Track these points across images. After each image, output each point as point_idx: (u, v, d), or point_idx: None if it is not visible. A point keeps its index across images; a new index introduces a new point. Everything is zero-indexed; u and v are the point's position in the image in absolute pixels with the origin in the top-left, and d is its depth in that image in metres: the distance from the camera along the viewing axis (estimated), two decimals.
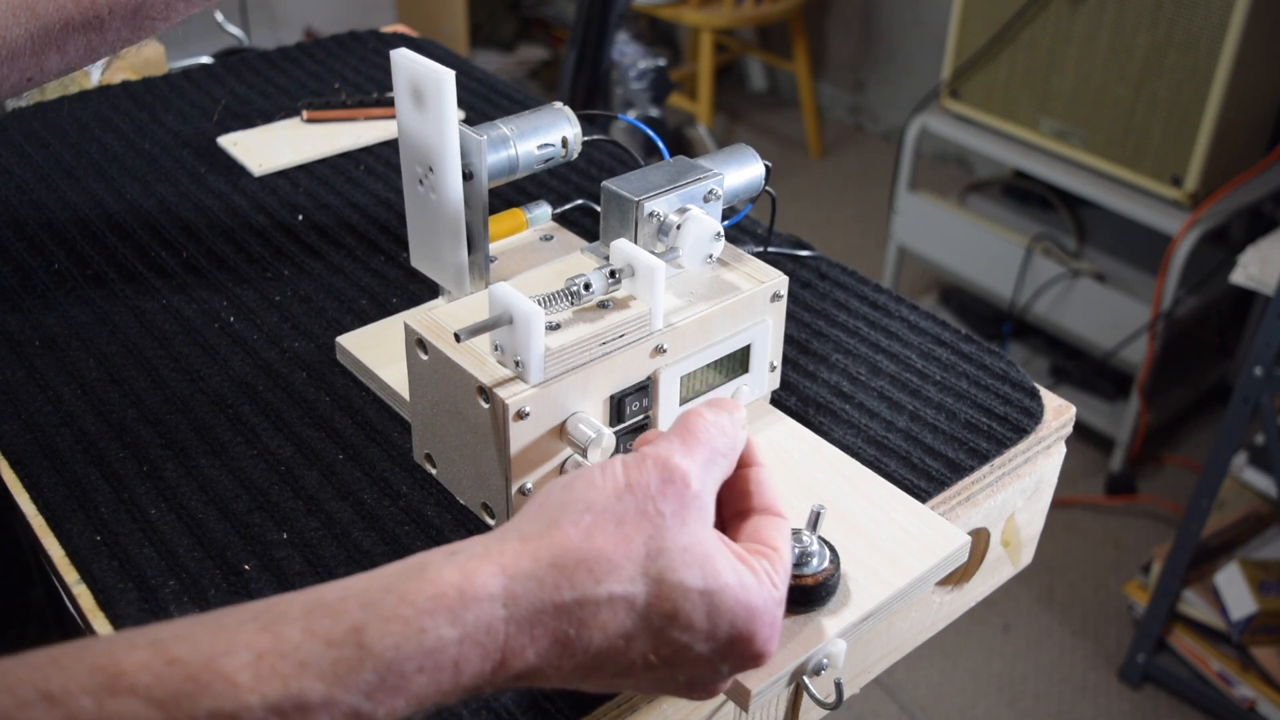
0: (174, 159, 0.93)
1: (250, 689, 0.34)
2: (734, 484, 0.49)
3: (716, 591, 0.42)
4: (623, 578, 0.41)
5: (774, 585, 0.44)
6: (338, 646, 0.36)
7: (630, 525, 0.42)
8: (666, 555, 0.42)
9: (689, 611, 0.42)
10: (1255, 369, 1.50)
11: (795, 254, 0.82)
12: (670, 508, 0.43)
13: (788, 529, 0.48)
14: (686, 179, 0.59)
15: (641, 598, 0.41)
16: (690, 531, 0.43)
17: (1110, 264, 2.20)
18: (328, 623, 0.36)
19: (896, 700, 1.79)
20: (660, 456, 0.44)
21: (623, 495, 0.43)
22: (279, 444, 0.63)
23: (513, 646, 0.39)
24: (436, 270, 0.65)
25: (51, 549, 0.57)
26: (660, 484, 0.43)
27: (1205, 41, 1.83)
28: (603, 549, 0.41)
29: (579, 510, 0.42)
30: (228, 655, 0.35)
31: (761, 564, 0.45)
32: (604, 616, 0.41)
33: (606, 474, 0.43)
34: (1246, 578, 1.72)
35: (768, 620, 0.44)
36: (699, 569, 0.42)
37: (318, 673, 0.35)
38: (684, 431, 0.46)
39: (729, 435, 0.47)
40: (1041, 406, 0.68)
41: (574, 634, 0.40)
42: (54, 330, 0.72)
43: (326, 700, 0.35)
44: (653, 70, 2.30)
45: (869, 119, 3.43)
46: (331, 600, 0.37)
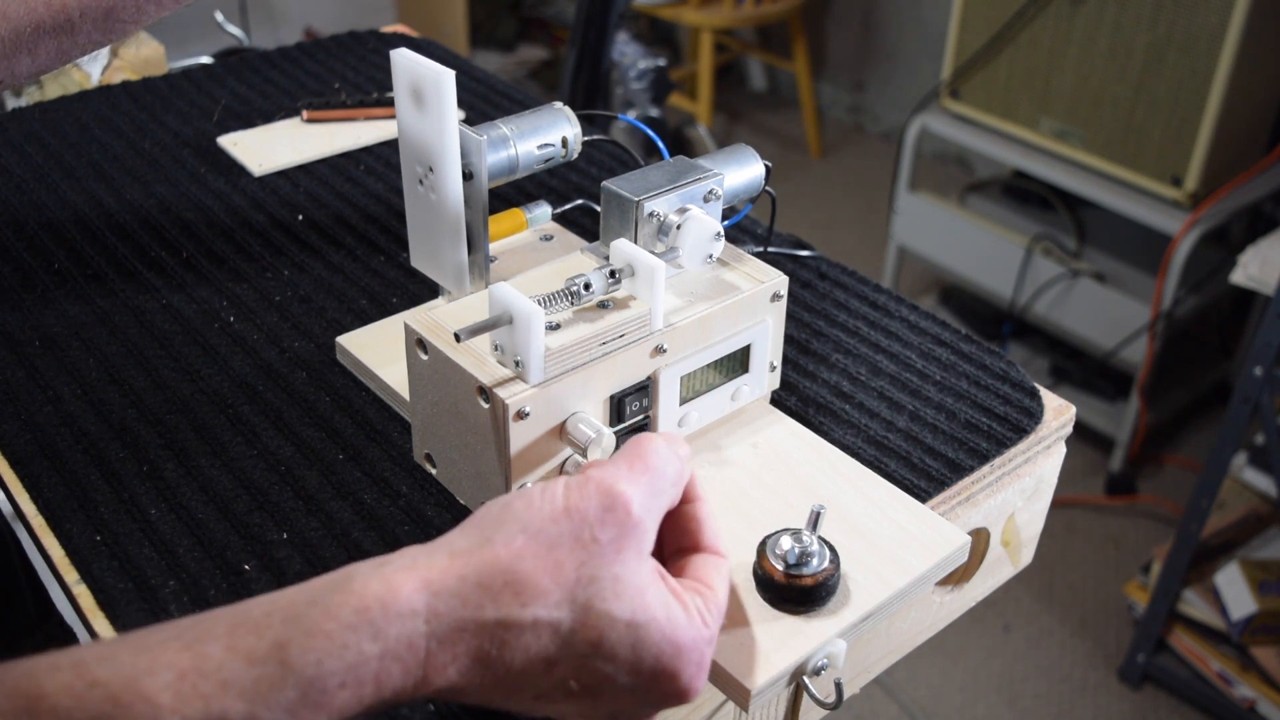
0: (174, 159, 0.93)
1: (172, 709, 0.34)
2: (677, 519, 0.48)
3: (643, 625, 0.42)
4: (549, 602, 0.40)
5: (704, 624, 0.44)
6: (260, 664, 0.36)
7: (563, 550, 0.41)
8: (597, 584, 0.41)
9: (614, 642, 0.41)
10: (1255, 369, 1.50)
11: (795, 254, 0.82)
12: (608, 535, 0.42)
13: (726, 568, 0.48)
14: (686, 179, 0.59)
15: (566, 624, 0.41)
16: (624, 561, 0.42)
17: (1110, 264, 2.20)
18: (251, 640, 0.36)
19: (896, 700, 1.79)
20: (604, 482, 0.43)
21: (559, 519, 0.42)
22: (279, 444, 0.63)
23: (434, 663, 0.39)
24: (436, 270, 0.65)
25: (51, 549, 0.57)
26: (600, 510, 0.42)
27: (1205, 41, 1.83)
28: (531, 572, 0.41)
29: (513, 530, 0.42)
30: (149, 676, 0.34)
31: (695, 601, 0.44)
32: (526, 639, 0.40)
33: (546, 495, 0.43)
34: (1246, 578, 1.72)
35: (694, 658, 0.43)
36: (628, 600, 0.42)
37: (239, 691, 0.35)
38: (633, 456, 0.45)
39: (677, 464, 0.46)
40: (1041, 406, 0.68)
41: (495, 653, 0.40)
42: (54, 330, 0.72)
43: (248, 718, 0.35)
44: (653, 70, 2.30)
45: (869, 119, 3.43)
46: (257, 616, 0.37)
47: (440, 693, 0.40)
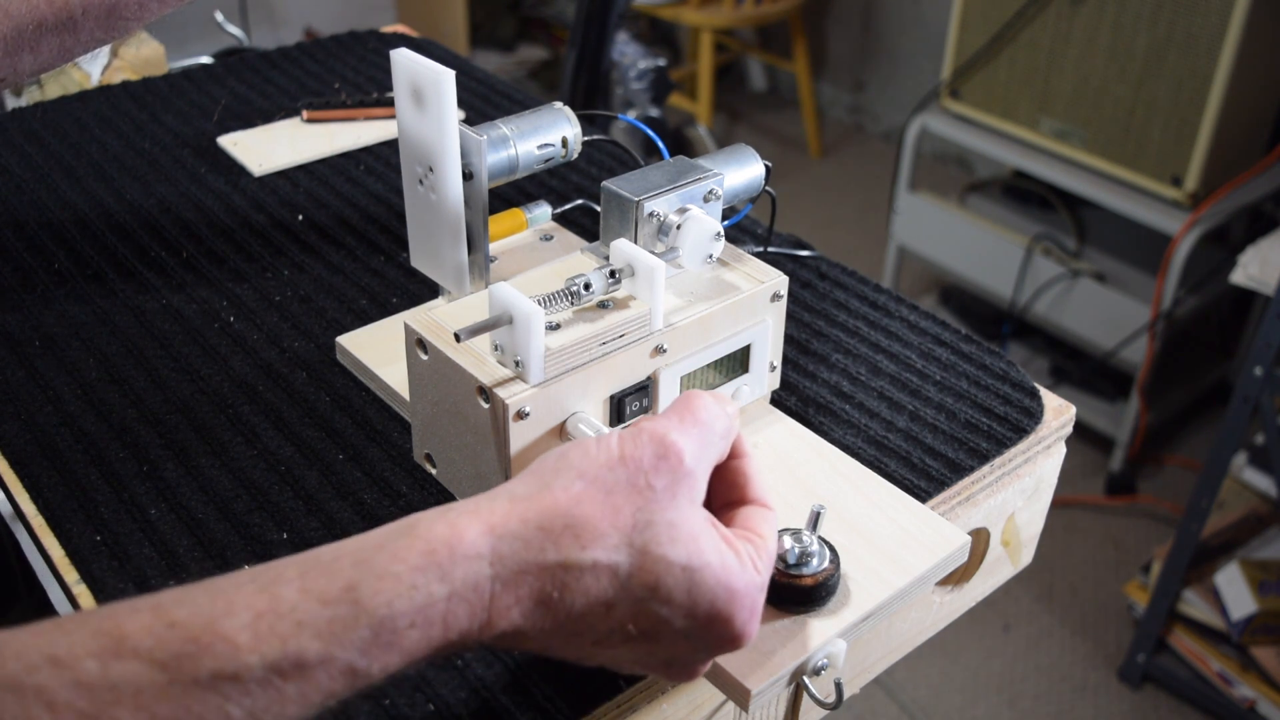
0: (174, 159, 0.93)
1: (250, 649, 0.35)
2: (725, 474, 0.49)
3: (699, 569, 0.42)
4: (607, 545, 0.41)
5: (756, 570, 0.45)
6: (333, 605, 0.37)
7: (620, 495, 0.42)
8: (653, 528, 0.42)
9: (670, 585, 0.42)
10: (1255, 369, 1.50)
11: (795, 254, 0.82)
12: (662, 482, 0.43)
13: (775, 520, 0.48)
14: (686, 179, 0.59)
15: (624, 567, 0.42)
16: (679, 507, 0.43)
17: (1110, 264, 2.20)
18: (323, 582, 0.37)
19: (896, 700, 1.79)
20: (657, 432, 0.44)
21: (615, 466, 0.43)
22: (279, 444, 0.63)
23: (498, 605, 0.40)
24: (436, 270, 0.65)
25: (51, 549, 0.57)
26: (654, 459, 0.43)
27: (1205, 41, 1.83)
28: (590, 515, 0.42)
29: (571, 477, 0.43)
30: (227, 617, 0.35)
31: (746, 548, 0.45)
32: (586, 581, 0.41)
33: (602, 445, 0.44)
34: (1246, 578, 1.72)
35: (747, 603, 0.44)
36: (683, 545, 0.42)
37: (314, 631, 0.36)
38: (683, 410, 0.46)
39: (725, 420, 0.47)
40: (1041, 406, 0.68)
41: (557, 596, 0.41)
42: (54, 330, 0.72)
43: (324, 657, 0.36)
44: (653, 70, 2.30)
45: (869, 119, 3.43)
46: (326, 560, 0.38)
47: (504, 636, 0.41)
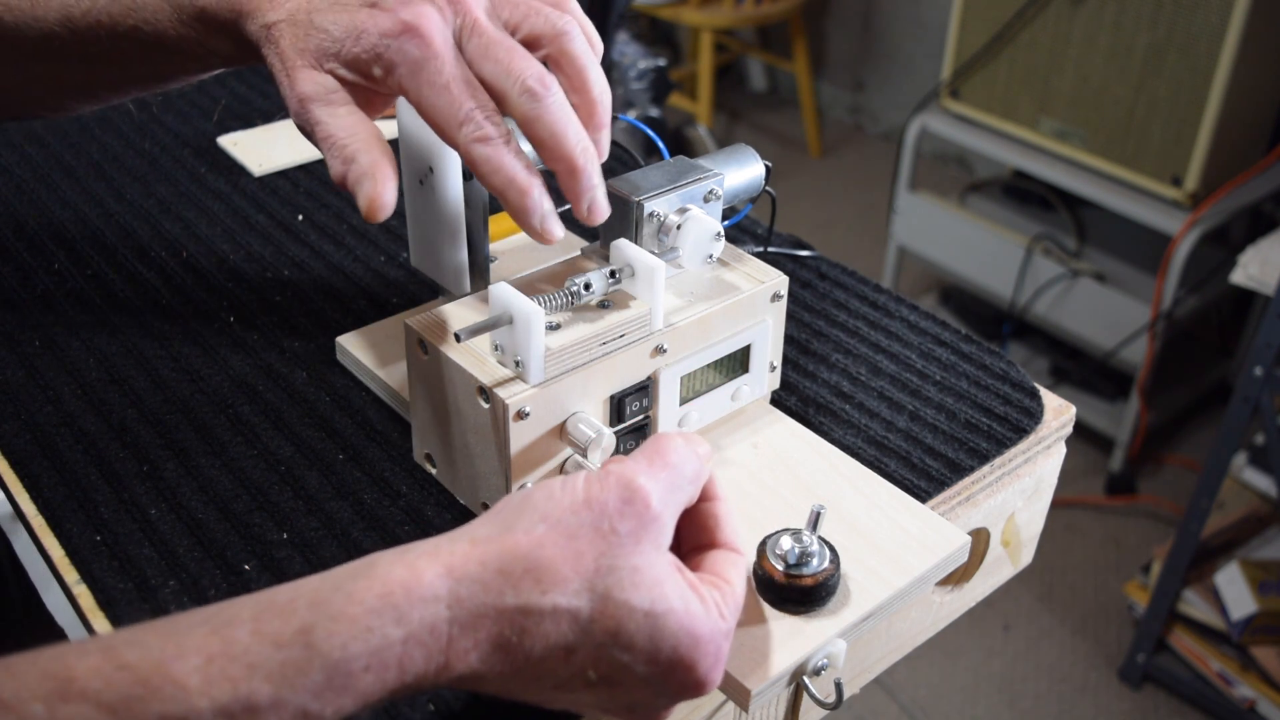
0: (174, 159, 0.93)
1: (200, 692, 0.34)
2: (696, 517, 0.49)
3: (662, 614, 0.42)
4: (568, 590, 0.41)
5: (722, 616, 0.44)
6: (286, 648, 0.36)
7: (583, 540, 0.42)
8: (616, 573, 0.42)
9: (632, 631, 0.42)
10: (1255, 369, 1.50)
11: (795, 254, 0.82)
12: (627, 527, 0.43)
13: (744, 565, 0.48)
14: (686, 179, 0.59)
15: (585, 612, 0.41)
16: (643, 553, 0.43)
17: (1110, 264, 2.20)
18: (277, 624, 0.37)
19: (896, 700, 1.79)
20: (624, 476, 0.44)
21: (579, 510, 0.43)
22: (279, 444, 0.63)
23: (456, 649, 0.39)
24: (436, 270, 0.65)
25: (51, 549, 0.57)
26: (620, 503, 0.43)
27: (1205, 41, 1.83)
28: (551, 559, 0.41)
29: (534, 519, 0.42)
30: (178, 659, 0.35)
31: (712, 594, 0.44)
32: (546, 626, 0.41)
33: (567, 487, 0.44)
34: (1246, 578, 1.72)
35: (711, 650, 0.43)
36: (647, 590, 0.42)
37: (266, 674, 0.36)
38: (652, 453, 0.46)
39: (696, 463, 0.47)
40: (1041, 406, 0.68)
41: (515, 640, 0.40)
42: (54, 330, 0.72)
43: (275, 701, 0.36)
44: (653, 70, 2.30)
45: (869, 119, 3.43)
46: (281, 601, 0.38)
47: (462, 679, 0.40)
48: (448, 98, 0.50)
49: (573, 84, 0.55)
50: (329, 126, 0.52)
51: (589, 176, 0.52)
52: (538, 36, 0.54)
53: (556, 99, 0.52)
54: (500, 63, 0.51)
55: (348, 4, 0.52)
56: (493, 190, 0.52)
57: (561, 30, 0.54)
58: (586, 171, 0.52)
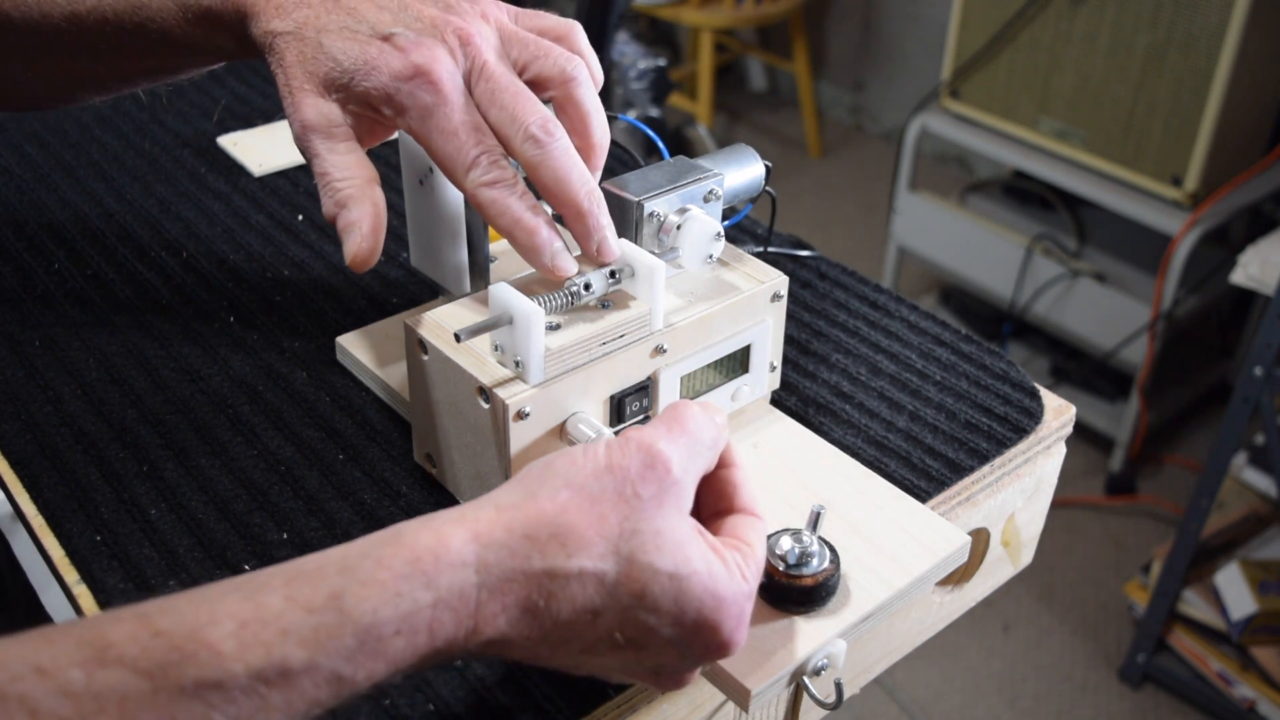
0: (174, 159, 0.93)
1: (234, 657, 0.35)
2: (714, 484, 0.49)
3: (686, 576, 0.42)
4: (594, 554, 0.41)
5: (744, 578, 0.45)
6: (318, 613, 0.37)
7: (606, 504, 0.42)
8: (639, 536, 0.42)
9: (657, 593, 0.42)
10: (1255, 369, 1.50)
11: (795, 254, 0.82)
12: (649, 491, 0.43)
13: (763, 528, 0.48)
14: (686, 179, 0.59)
15: (611, 575, 0.42)
16: (665, 516, 0.43)
17: (1110, 264, 2.20)
18: (307, 590, 0.37)
19: (896, 700, 1.79)
20: (644, 441, 0.44)
21: (602, 475, 0.43)
22: (279, 444, 0.63)
23: (484, 613, 0.40)
24: (436, 270, 0.65)
25: (51, 549, 0.57)
26: (641, 468, 0.44)
27: (1205, 41, 1.83)
28: (576, 524, 0.42)
29: (557, 485, 0.43)
30: (212, 625, 0.35)
31: (733, 556, 0.45)
32: (573, 589, 0.41)
33: (588, 453, 0.44)
34: (1246, 578, 1.72)
35: (735, 611, 0.44)
36: (670, 553, 0.42)
37: (299, 639, 0.36)
38: (671, 420, 0.47)
39: (713, 430, 0.47)
40: (1041, 406, 0.68)
41: (543, 604, 0.41)
42: (54, 330, 0.72)
43: (308, 665, 0.36)
44: (653, 70, 2.30)
45: (869, 119, 3.43)
46: (310, 569, 0.38)
47: (490, 644, 0.41)
48: (456, 143, 0.52)
49: (576, 128, 0.56)
50: (326, 163, 0.53)
51: (595, 218, 0.53)
52: (546, 79, 0.55)
53: (560, 145, 0.53)
54: (506, 109, 0.52)
55: (358, 31, 0.53)
56: (501, 232, 0.53)
57: (570, 76, 0.55)
58: (593, 214, 0.53)
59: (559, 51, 0.55)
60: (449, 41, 0.53)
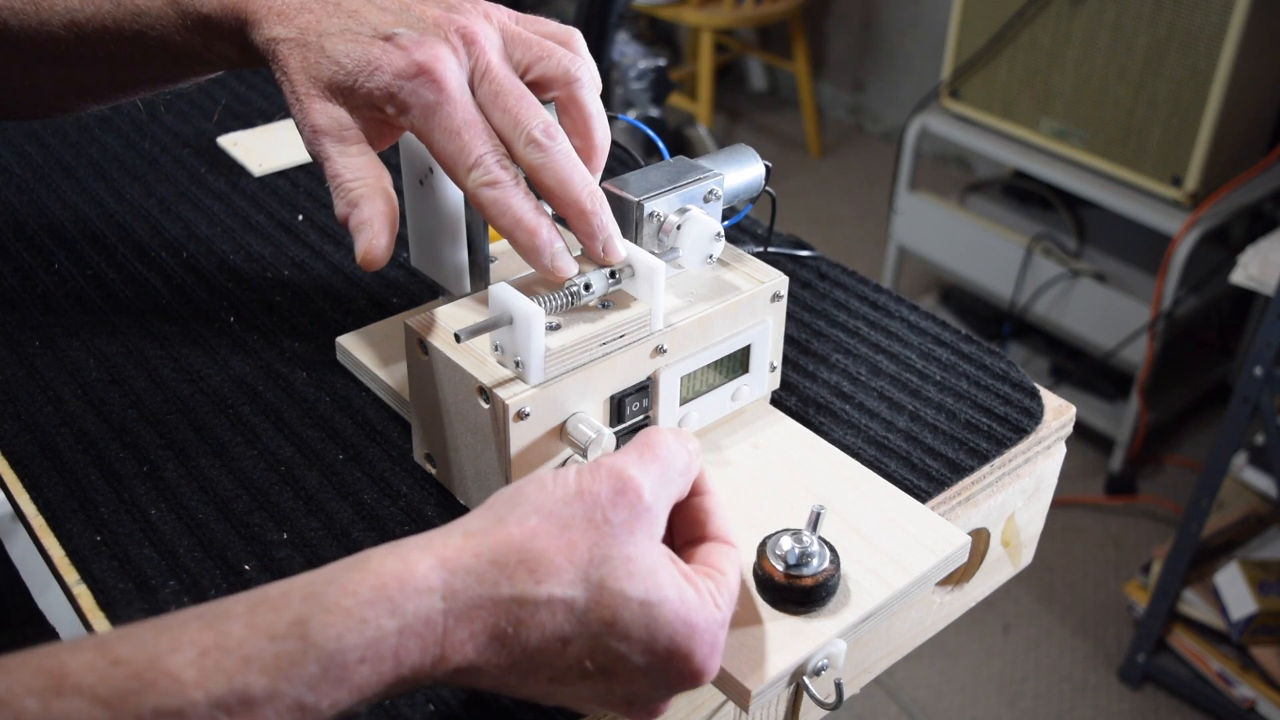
0: (174, 159, 0.93)
1: (195, 685, 0.35)
2: (686, 511, 0.49)
3: (657, 604, 0.42)
4: (563, 580, 0.41)
5: (716, 606, 0.44)
6: (281, 640, 0.36)
7: (576, 530, 0.42)
8: (610, 563, 0.42)
9: (628, 620, 0.42)
10: (1255, 369, 1.50)
11: (795, 254, 0.82)
12: (619, 517, 0.43)
13: (736, 556, 0.48)
14: (686, 179, 0.59)
15: (581, 601, 0.41)
16: (636, 543, 0.43)
17: (1110, 264, 2.20)
18: (270, 617, 0.37)
19: (896, 700, 1.79)
20: (615, 467, 0.44)
21: (571, 501, 0.43)
22: (279, 444, 0.63)
23: (452, 640, 0.39)
24: (436, 270, 0.65)
25: (51, 549, 0.57)
26: (612, 493, 0.43)
27: (1205, 41, 1.83)
28: (545, 550, 0.41)
29: (526, 511, 0.42)
30: (172, 653, 0.35)
31: (706, 584, 0.45)
32: (542, 616, 0.41)
33: (559, 479, 0.44)
34: (1246, 578, 1.72)
35: (707, 639, 0.44)
36: (641, 580, 0.42)
37: (261, 667, 0.36)
38: (642, 446, 0.46)
39: (685, 457, 0.47)
40: (1041, 406, 0.68)
41: (511, 631, 0.40)
42: (54, 330, 0.72)
43: (270, 693, 0.36)
44: (653, 70, 2.30)
45: (869, 119, 3.43)
46: (275, 596, 0.38)
47: (459, 673, 0.40)
48: (459, 143, 0.52)
49: (577, 129, 0.56)
50: (338, 165, 0.53)
51: (599, 218, 0.53)
52: (549, 80, 0.55)
53: (561, 148, 0.53)
54: (509, 112, 0.53)
55: (360, 33, 0.53)
56: (501, 232, 0.53)
57: (574, 77, 0.55)
58: (596, 214, 0.53)
59: (562, 53, 0.55)
60: (452, 40, 0.52)
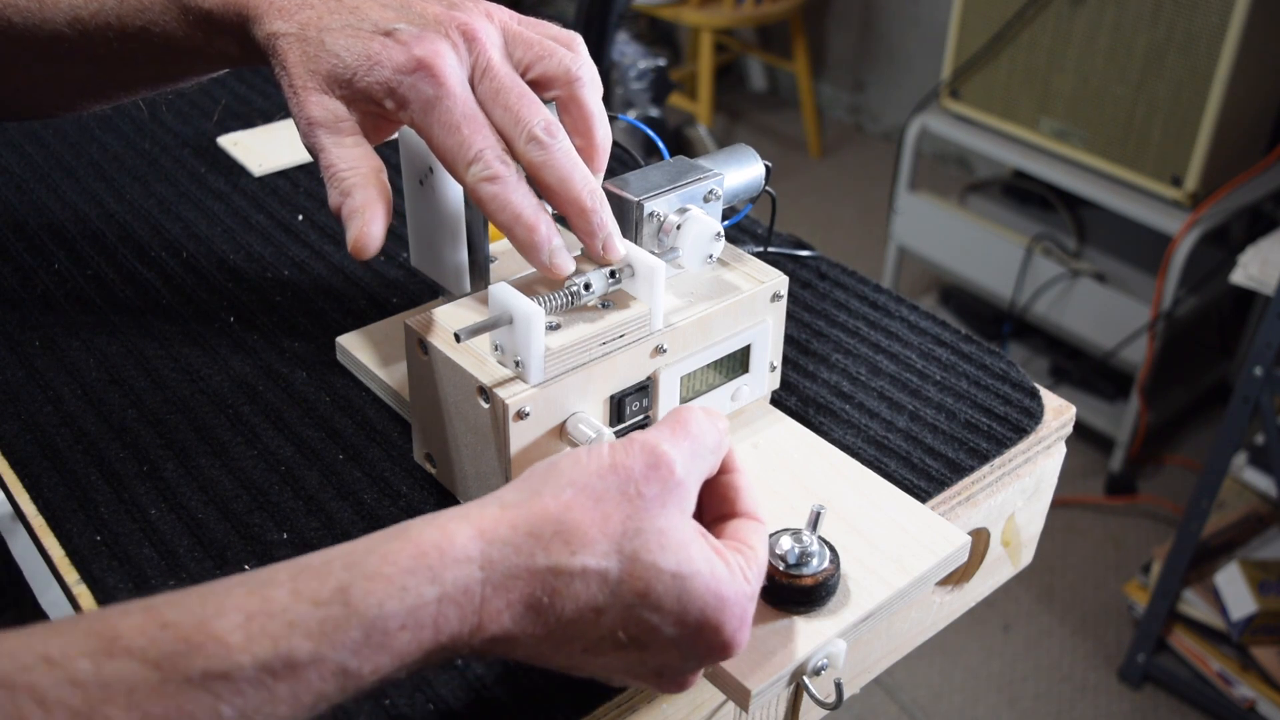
0: (174, 159, 0.93)
1: (241, 649, 0.35)
2: (716, 488, 0.49)
3: (688, 576, 0.43)
4: (597, 551, 0.42)
5: (746, 580, 0.45)
6: (324, 606, 0.37)
7: (610, 503, 0.43)
8: (643, 535, 0.43)
9: (660, 592, 0.42)
10: (1255, 369, 1.50)
11: (795, 254, 0.82)
12: (652, 491, 0.44)
13: (765, 532, 0.49)
14: (686, 179, 0.59)
15: (614, 573, 0.42)
16: (669, 516, 0.44)
17: (1110, 264, 2.20)
18: (314, 584, 0.38)
19: (896, 700, 1.79)
20: (648, 442, 0.45)
21: (605, 474, 0.43)
22: (279, 444, 0.63)
23: (489, 609, 0.40)
24: (436, 270, 0.65)
25: (51, 549, 0.57)
26: (645, 468, 0.44)
27: (1205, 41, 1.83)
28: (580, 522, 0.42)
29: (561, 484, 0.43)
30: (219, 617, 0.36)
31: (736, 559, 0.45)
32: (576, 587, 0.41)
33: (593, 453, 0.44)
34: (1246, 578, 1.72)
35: (737, 612, 0.44)
36: (673, 552, 0.43)
37: (305, 632, 0.36)
38: (675, 423, 0.47)
39: (716, 435, 0.48)
40: (1041, 406, 0.68)
41: (547, 601, 0.41)
42: (54, 330, 0.72)
43: (315, 658, 0.36)
44: (653, 70, 2.30)
45: (869, 119, 3.43)
46: (317, 564, 0.39)
47: (495, 641, 0.41)
48: (458, 138, 0.52)
49: (578, 128, 0.56)
50: (332, 156, 0.53)
51: (599, 216, 0.54)
52: (550, 79, 0.55)
53: (561, 146, 0.53)
54: (510, 109, 0.53)
55: (360, 28, 0.53)
56: (500, 227, 0.53)
57: (575, 76, 0.55)
58: (597, 213, 0.53)
59: (563, 52, 0.55)
60: (452, 37, 0.53)
